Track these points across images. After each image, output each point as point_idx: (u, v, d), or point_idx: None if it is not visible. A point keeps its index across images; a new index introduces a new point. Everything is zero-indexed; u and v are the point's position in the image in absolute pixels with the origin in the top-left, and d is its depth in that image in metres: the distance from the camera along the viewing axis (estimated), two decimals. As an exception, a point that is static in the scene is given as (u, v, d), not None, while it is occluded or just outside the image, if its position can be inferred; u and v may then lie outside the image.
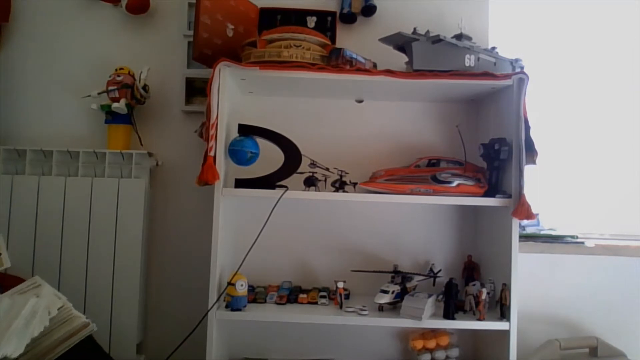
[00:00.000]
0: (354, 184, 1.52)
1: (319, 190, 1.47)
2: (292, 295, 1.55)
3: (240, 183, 1.43)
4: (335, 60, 1.43)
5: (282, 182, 1.44)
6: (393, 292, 1.45)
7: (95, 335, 1.35)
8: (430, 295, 1.44)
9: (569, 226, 1.78)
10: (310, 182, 1.46)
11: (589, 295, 1.74)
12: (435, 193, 1.44)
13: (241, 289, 1.39)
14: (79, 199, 1.62)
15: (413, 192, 1.44)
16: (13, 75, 1.76)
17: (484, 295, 1.41)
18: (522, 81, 1.42)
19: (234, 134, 1.46)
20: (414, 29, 1.45)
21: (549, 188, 1.82)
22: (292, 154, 1.45)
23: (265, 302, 1.52)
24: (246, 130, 1.45)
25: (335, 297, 1.51)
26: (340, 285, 1.49)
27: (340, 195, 1.46)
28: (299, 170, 1.45)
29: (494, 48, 1.56)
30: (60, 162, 1.66)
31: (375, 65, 1.53)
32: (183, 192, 1.74)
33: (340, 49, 1.43)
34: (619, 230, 1.84)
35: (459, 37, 1.50)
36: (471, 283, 1.51)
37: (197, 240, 1.68)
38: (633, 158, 1.86)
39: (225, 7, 1.57)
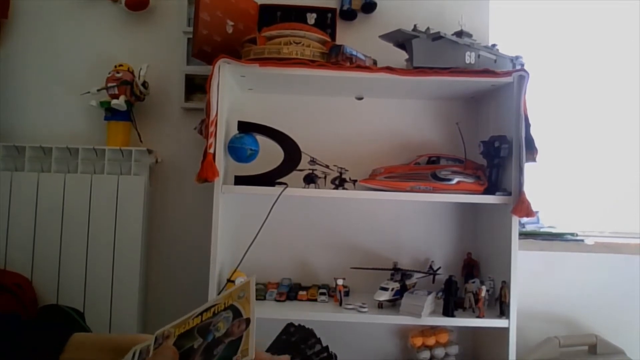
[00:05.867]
0: (354, 182, 1.52)
1: (318, 188, 1.46)
2: (291, 292, 1.55)
3: (240, 180, 1.43)
4: (335, 57, 1.42)
5: (281, 180, 1.43)
6: (392, 290, 1.45)
7: (94, 331, 1.35)
8: (429, 293, 1.44)
9: (569, 224, 1.78)
10: (310, 180, 1.46)
11: (589, 292, 1.74)
12: (435, 190, 1.44)
13: (241, 286, 1.39)
14: (79, 196, 1.62)
15: (413, 190, 1.43)
16: (12, 72, 1.76)
17: (483, 293, 1.42)
18: (522, 78, 1.41)
19: (234, 131, 1.46)
20: (414, 25, 1.45)
21: (549, 186, 1.82)
22: (291, 151, 1.44)
23: (264, 299, 1.52)
24: (246, 128, 1.44)
25: (335, 294, 1.51)
26: (340, 282, 1.49)
27: (340, 193, 1.45)
28: (298, 168, 1.45)
29: (494, 45, 1.55)
30: (60, 158, 1.66)
31: (375, 63, 1.53)
32: (183, 189, 1.74)
33: (340, 45, 1.43)
34: (618, 228, 1.84)
35: (459, 34, 1.49)
36: (471, 280, 1.51)
37: (197, 237, 1.68)
38: (633, 156, 1.86)
39: (225, 3, 1.56)
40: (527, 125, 1.40)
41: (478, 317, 1.41)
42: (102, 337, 0.62)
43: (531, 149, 1.40)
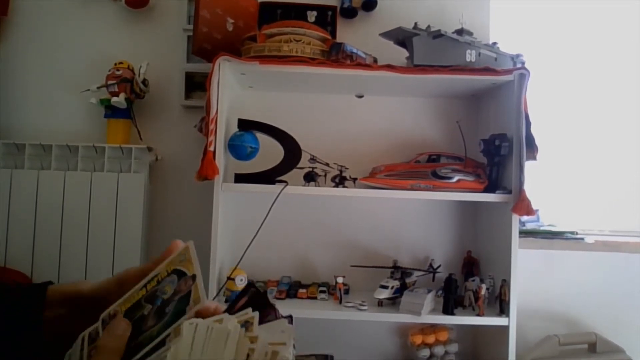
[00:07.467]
0: (354, 180, 1.52)
1: (318, 186, 1.46)
2: (291, 290, 1.55)
3: (240, 178, 1.43)
4: (335, 55, 1.42)
5: (281, 177, 1.43)
6: (392, 288, 1.45)
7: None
8: (429, 291, 1.44)
9: (569, 222, 1.78)
10: (310, 178, 1.46)
11: (589, 291, 1.74)
12: (435, 188, 1.44)
13: (241, 283, 1.39)
14: (78, 194, 1.62)
15: (413, 188, 1.43)
16: (12, 70, 1.75)
17: (483, 291, 1.42)
18: (522, 77, 1.41)
19: (234, 128, 1.45)
20: (415, 23, 1.45)
21: (549, 184, 1.82)
22: (292, 149, 1.44)
23: (264, 297, 1.52)
24: (246, 125, 1.44)
25: (335, 292, 1.51)
26: (340, 280, 1.49)
27: (340, 191, 1.45)
28: (298, 166, 1.45)
29: (495, 43, 1.55)
30: (60, 156, 1.66)
31: (375, 60, 1.53)
32: (182, 187, 1.73)
33: (340, 43, 1.43)
34: (618, 226, 1.84)
35: (460, 32, 1.49)
36: (470, 279, 1.51)
37: (197, 235, 1.65)
38: (633, 154, 1.85)
39: (225, 1, 1.56)
40: (528, 124, 1.40)
41: (478, 315, 1.42)
42: (73, 289, 0.57)
43: (531, 147, 1.40)
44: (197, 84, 1.72)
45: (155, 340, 0.44)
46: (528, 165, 1.40)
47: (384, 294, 1.43)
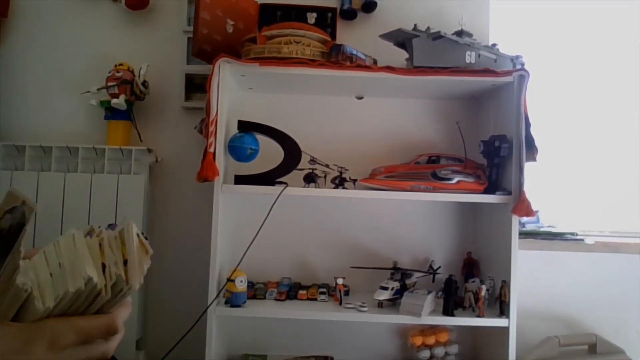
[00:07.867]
0: (354, 181, 1.52)
1: (318, 187, 1.46)
2: (291, 291, 1.55)
3: (240, 179, 1.43)
4: (335, 56, 1.42)
5: (281, 179, 1.44)
6: (392, 289, 1.45)
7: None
8: (429, 292, 1.44)
9: (569, 223, 1.78)
10: (310, 179, 1.46)
11: (589, 292, 1.74)
12: (435, 190, 1.44)
13: (241, 285, 1.39)
14: (79, 195, 1.62)
15: (413, 189, 1.43)
16: (12, 71, 1.75)
17: (483, 292, 1.42)
18: (522, 78, 1.41)
19: (234, 130, 1.46)
20: (415, 25, 1.45)
21: (549, 185, 1.82)
22: (291, 151, 1.44)
23: (264, 298, 1.52)
24: (246, 127, 1.44)
25: (335, 293, 1.51)
26: (340, 281, 1.49)
27: (340, 192, 1.45)
28: (298, 167, 1.45)
29: (494, 45, 1.55)
30: (60, 158, 1.66)
31: (375, 62, 1.53)
32: (183, 189, 1.74)
33: (340, 45, 1.43)
34: (618, 227, 1.84)
35: (460, 33, 1.49)
36: (470, 280, 1.51)
37: (197, 236, 1.68)
38: (633, 155, 1.86)
39: (225, 3, 1.56)
40: (527, 125, 1.40)
41: (478, 316, 1.42)
42: None
43: (531, 149, 1.41)
44: (197, 86, 1.72)
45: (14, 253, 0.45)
46: (528, 166, 1.40)
47: (384, 295, 1.43)
